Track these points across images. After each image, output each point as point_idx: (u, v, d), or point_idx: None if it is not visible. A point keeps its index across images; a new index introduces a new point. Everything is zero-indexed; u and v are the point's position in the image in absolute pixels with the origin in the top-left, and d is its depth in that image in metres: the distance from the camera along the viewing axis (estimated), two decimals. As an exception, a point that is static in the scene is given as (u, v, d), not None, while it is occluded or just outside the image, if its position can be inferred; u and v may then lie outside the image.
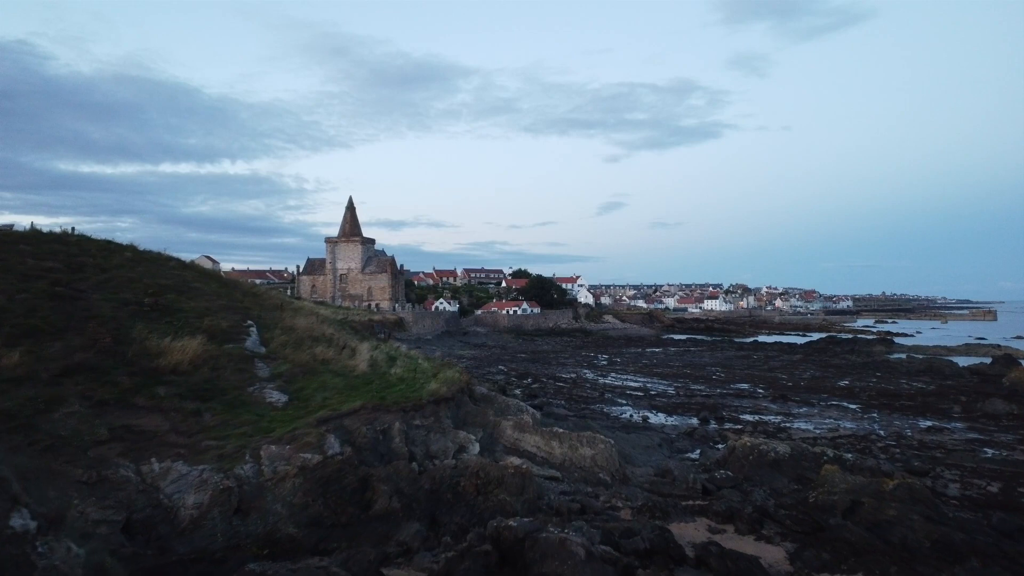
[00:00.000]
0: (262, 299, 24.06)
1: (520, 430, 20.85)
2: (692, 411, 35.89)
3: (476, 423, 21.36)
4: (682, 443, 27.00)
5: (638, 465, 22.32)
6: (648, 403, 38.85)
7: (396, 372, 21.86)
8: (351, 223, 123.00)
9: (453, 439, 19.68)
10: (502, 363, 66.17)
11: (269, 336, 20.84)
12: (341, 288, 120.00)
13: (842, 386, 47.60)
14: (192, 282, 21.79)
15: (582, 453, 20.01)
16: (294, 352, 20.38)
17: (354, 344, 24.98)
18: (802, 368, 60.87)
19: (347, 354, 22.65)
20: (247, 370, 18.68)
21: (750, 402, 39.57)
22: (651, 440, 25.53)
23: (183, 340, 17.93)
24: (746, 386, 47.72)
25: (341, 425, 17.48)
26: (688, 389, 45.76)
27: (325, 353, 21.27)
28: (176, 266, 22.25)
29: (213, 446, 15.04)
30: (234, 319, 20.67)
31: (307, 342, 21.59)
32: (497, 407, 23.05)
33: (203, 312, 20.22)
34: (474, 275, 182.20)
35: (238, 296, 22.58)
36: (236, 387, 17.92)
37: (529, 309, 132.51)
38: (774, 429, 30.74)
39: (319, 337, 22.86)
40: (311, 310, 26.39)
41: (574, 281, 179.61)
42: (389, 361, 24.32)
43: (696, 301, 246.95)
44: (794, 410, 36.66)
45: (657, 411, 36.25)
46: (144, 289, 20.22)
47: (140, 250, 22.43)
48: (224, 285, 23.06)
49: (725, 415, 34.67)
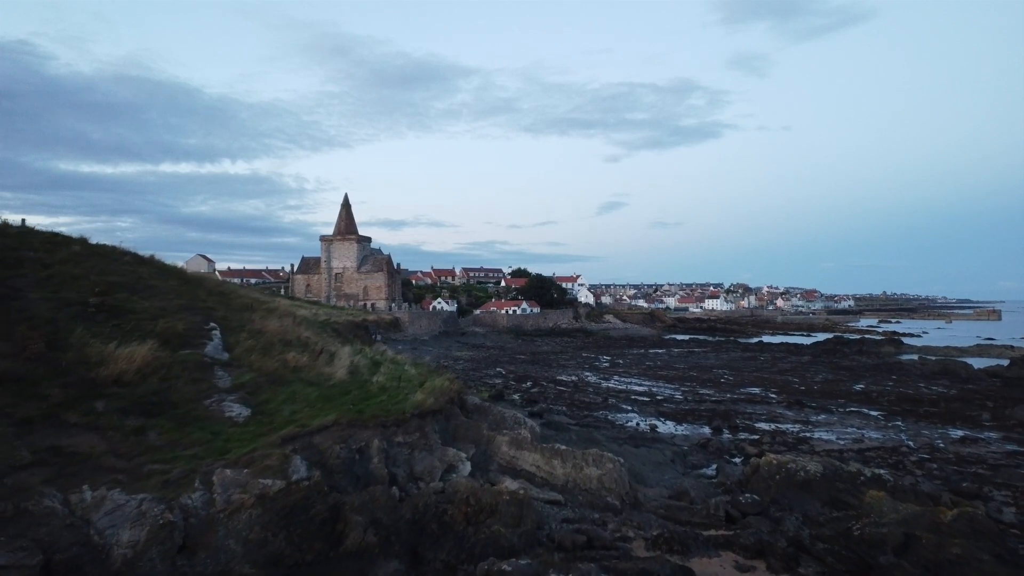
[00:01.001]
0: (230, 298, 21.67)
1: (517, 447, 18.46)
2: (703, 419, 33.50)
3: (468, 438, 18.98)
4: (696, 457, 24.61)
5: (650, 485, 19.94)
6: (655, 409, 36.44)
7: (379, 380, 19.49)
8: (347, 221, 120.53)
9: (441, 457, 17.31)
10: (500, 365, 63.77)
11: (234, 340, 18.45)
12: (336, 287, 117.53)
13: (858, 390, 45.18)
14: (148, 279, 19.40)
15: (588, 474, 17.63)
16: (261, 358, 18.00)
17: (334, 348, 22.60)
18: (813, 370, 58.48)
19: (324, 360, 20.28)
20: (204, 380, 16.29)
21: (764, 408, 37.15)
22: (662, 455, 23.13)
23: (130, 346, 15.58)
24: (757, 390, 45.31)
25: (310, 444, 15.13)
26: (696, 394, 43.34)
27: (298, 359, 18.89)
28: (131, 261, 19.86)
29: (157, 471, 12.70)
30: (194, 321, 18.28)
31: (277, 347, 19.21)
32: (492, 420, 20.67)
33: (158, 313, 17.84)
34: (473, 274, 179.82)
35: (201, 295, 20.18)
36: (190, 400, 15.54)
37: (529, 309, 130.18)
38: (793, 440, 28.35)
39: (292, 341, 20.48)
40: (287, 310, 24.01)
41: (574, 280, 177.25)
42: (372, 367, 21.93)
43: (697, 301, 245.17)
44: (812, 417, 34.25)
45: (665, 419, 33.84)
46: (91, 287, 17.83)
47: (91, 244, 20.04)
48: (186, 283, 20.67)
49: (739, 423, 32.27)
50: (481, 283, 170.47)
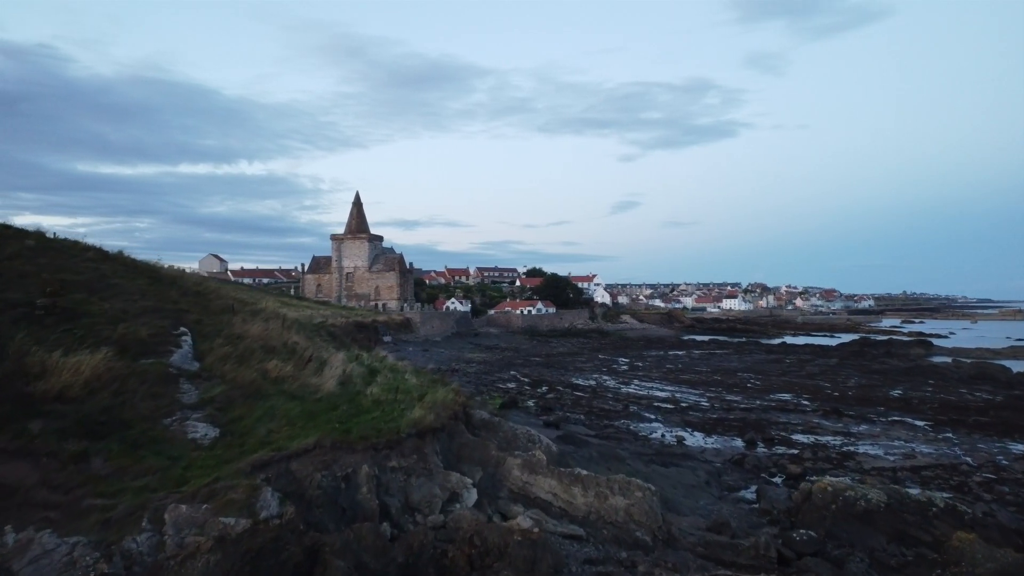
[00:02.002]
0: (209, 299, 19.34)
1: (531, 471, 15.98)
2: (734, 430, 30.85)
3: (474, 460, 16.52)
4: (732, 476, 22.04)
5: (683, 513, 17.41)
6: (680, 418, 33.83)
7: (373, 392, 17.06)
8: (358, 219, 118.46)
9: (442, 484, 14.86)
10: (515, 368, 61.27)
11: (207, 347, 16.06)
12: (347, 287, 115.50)
13: (896, 397, 42.33)
14: (112, 278, 17.08)
15: (613, 504, 15.13)
16: (237, 368, 15.60)
17: (326, 355, 20.22)
18: (843, 374, 55.59)
19: (312, 369, 17.88)
20: (166, 394, 13.89)
21: (798, 418, 34.43)
22: (695, 475, 20.56)
23: (79, 354, 13.25)
24: (788, 396, 42.57)
25: (286, 471, 12.72)
26: (723, 400, 40.66)
27: (281, 369, 16.50)
28: (94, 257, 17.55)
29: (98, 506, 10.31)
30: (161, 325, 15.91)
31: (258, 354, 16.82)
32: (502, 438, 18.20)
33: (118, 316, 15.50)
34: (487, 274, 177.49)
35: (173, 295, 17.84)
36: (146, 418, 13.14)
37: (544, 309, 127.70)
38: (837, 456, 25.68)
39: (277, 348, 18.11)
40: (275, 312, 21.69)
41: (590, 280, 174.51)
42: (368, 376, 19.51)
43: (714, 300, 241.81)
44: (852, 428, 31.51)
45: (692, 429, 31.24)
46: (42, 286, 15.56)
47: (49, 238, 17.79)
48: (156, 281, 18.33)
49: (774, 435, 29.62)
50: (495, 283, 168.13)
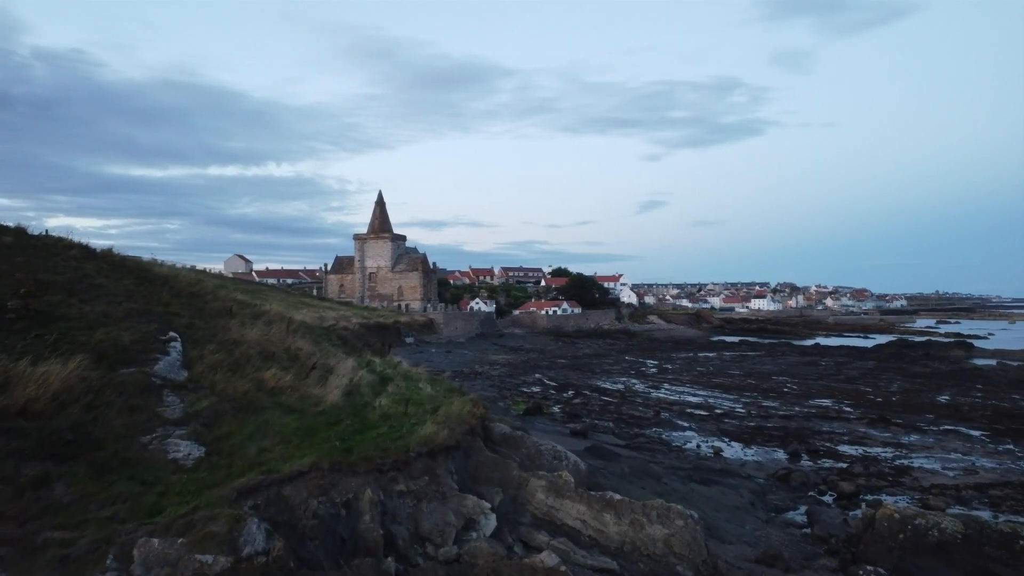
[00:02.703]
0: (205, 301, 17.81)
1: (557, 494, 14.20)
2: (774, 440, 28.79)
3: (493, 480, 14.78)
4: (778, 495, 20.07)
5: (728, 540, 15.53)
6: (716, 427, 31.81)
7: (382, 404, 15.40)
8: (381, 219, 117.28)
9: (457, 509, 13.14)
10: (539, 370, 59.43)
11: (197, 354, 14.47)
12: (370, 288, 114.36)
13: (944, 403, 39.89)
14: (95, 277, 15.59)
15: (651, 533, 13.30)
16: (229, 378, 13.99)
17: (332, 362, 18.60)
18: (884, 378, 53.02)
19: (315, 378, 16.25)
20: (146, 408, 12.29)
21: (842, 426, 32.23)
22: (738, 495, 18.63)
23: (49, 363, 11.73)
24: (828, 402, 40.28)
25: (277, 497, 11.07)
26: (760, 406, 38.50)
27: (279, 378, 14.88)
28: (77, 255, 16.07)
29: (56, 540, 8.70)
30: (146, 330, 14.36)
31: (254, 362, 15.22)
32: (525, 454, 16.42)
33: (98, 320, 13.98)
34: (512, 274, 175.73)
35: (163, 297, 16.30)
36: (121, 436, 11.55)
37: (569, 309, 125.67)
38: (891, 470, 23.57)
39: (277, 354, 16.51)
40: (278, 314, 20.16)
41: (616, 280, 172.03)
42: (378, 385, 17.85)
43: (743, 300, 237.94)
44: (903, 438, 29.29)
45: (729, 439, 29.22)
46: (15, 287, 14.11)
47: (30, 235, 16.36)
48: (145, 282, 16.81)
49: (819, 446, 27.52)
50: (520, 283, 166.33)
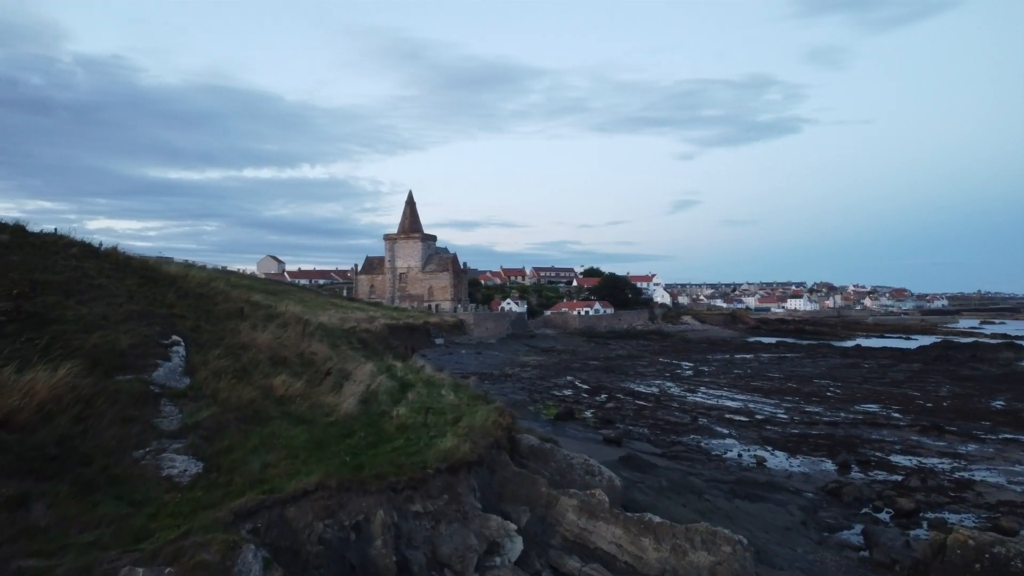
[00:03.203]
0: (214, 302, 16.81)
1: (590, 515, 12.90)
2: (821, 449, 27.08)
3: (519, 498, 13.54)
4: (830, 512, 18.52)
5: (779, 566, 14.06)
6: (758, 434, 30.16)
7: (400, 414, 14.24)
8: (411, 219, 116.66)
9: (480, 531, 11.93)
10: (571, 372, 58.02)
11: (201, 360, 13.44)
12: (400, 288, 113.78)
13: (1000, 409, 37.67)
14: (95, 277, 14.64)
15: (694, 561, 11.94)
16: (235, 385, 12.92)
17: (350, 367, 17.50)
18: (931, 381, 50.66)
19: (329, 385, 15.15)
20: (140, 419, 11.27)
21: (893, 434, 30.35)
22: (788, 513, 17.11)
23: (37, 370, 10.78)
24: (875, 407, 38.29)
25: (279, 519, 9.97)
26: (803, 412, 36.68)
27: (288, 385, 13.79)
28: (78, 254, 15.16)
29: (31, 569, 7.70)
30: (147, 334, 13.36)
31: (263, 367, 14.16)
32: (554, 469, 15.13)
33: (96, 323, 13.01)
34: (544, 274, 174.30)
35: (169, 298, 15.32)
36: (111, 451, 10.53)
37: (602, 309, 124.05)
38: (951, 484, 21.84)
39: (288, 359, 15.45)
40: (294, 316, 19.12)
41: (649, 280, 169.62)
42: (398, 393, 16.71)
43: (778, 300, 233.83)
44: (959, 448, 27.39)
45: (772, 447, 27.60)
46: (8, 288, 13.22)
47: (29, 232, 15.49)
48: (149, 282, 15.84)
49: (869, 456, 25.80)
50: (552, 283, 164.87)
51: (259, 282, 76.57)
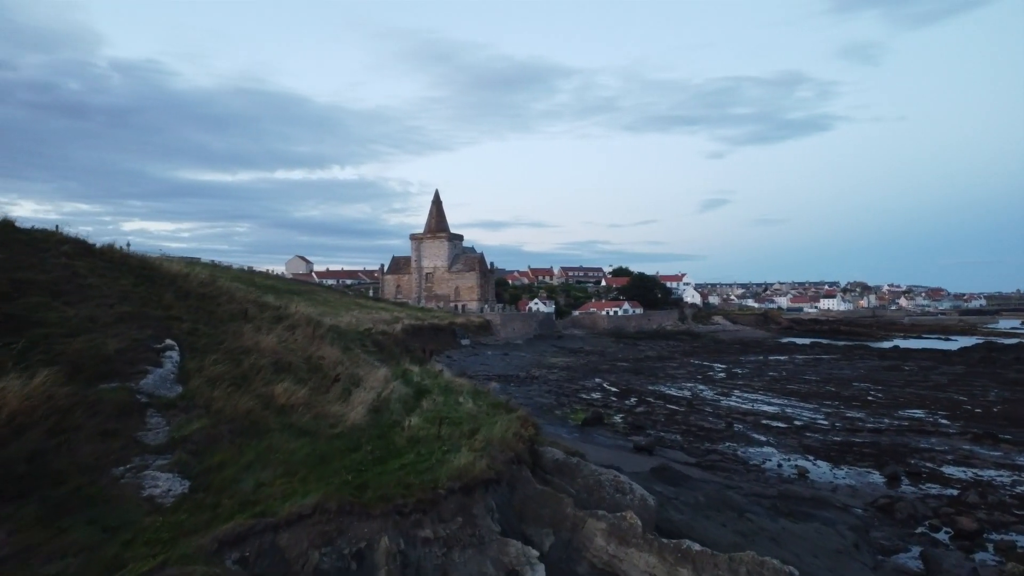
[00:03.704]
0: (216, 303, 15.75)
1: (621, 540, 11.58)
2: (867, 459, 25.35)
3: (542, 519, 12.27)
4: (883, 531, 16.99)
5: (832, 597, 12.66)
6: (798, 442, 28.51)
7: (413, 424, 13.06)
8: (437, 218, 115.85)
9: (497, 558, 10.68)
10: (600, 374, 56.59)
11: (197, 366, 12.34)
12: (426, 288, 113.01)
13: (1056, 415, 35.55)
14: (86, 276, 13.63)
15: (739, 596, 10.59)
16: (231, 394, 11.80)
17: (361, 372, 16.36)
18: (977, 385, 48.26)
19: (337, 392, 14.01)
20: (123, 432, 10.16)
21: (943, 442, 28.49)
22: (839, 535, 15.54)
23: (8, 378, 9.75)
24: (920, 413, 36.30)
25: (271, 547, 8.82)
26: (844, 418, 34.85)
27: (291, 393, 12.65)
28: (69, 252, 14.15)
29: None
30: (137, 337, 12.29)
31: (264, 374, 13.03)
32: (581, 486, 13.82)
33: (82, 327, 11.97)
34: (572, 274, 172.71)
35: (167, 299, 14.27)
36: (88, 468, 9.43)
37: (631, 309, 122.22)
38: (1014, 500, 20.09)
39: (294, 364, 14.33)
40: (305, 317, 18.03)
41: (679, 279, 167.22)
42: (412, 400, 15.53)
43: (811, 300, 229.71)
44: (1018, 459, 25.52)
45: (814, 457, 25.96)
46: (-10, 288, 12.26)
47: (18, 228, 14.47)
48: (145, 281, 14.80)
49: (919, 467, 24.10)
50: (580, 283, 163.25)
51: (284, 282, 76.16)
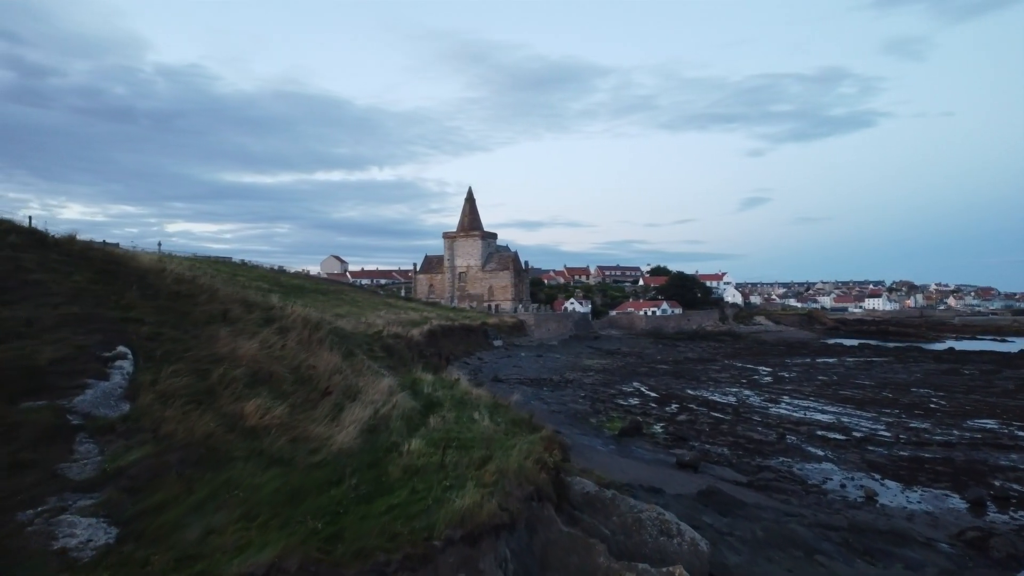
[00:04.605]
0: (193, 302, 13.64)
1: (667, 603, 9.24)
2: (942, 479, 22.48)
3: (568, 569, 9.90)
4: (978, 574, 14.33)
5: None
6: (860, 457, 25.66)
7: (413, 449, 10.79)
8: (470, 216, 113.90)
9: (511, 626, 8.44)
10: (637, 377, 53.94)
11: (152, 378, 10.24)
12: (459, 287, 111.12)
13: None
14: (34, 271, 11.64)
15: None
16: (187, 413, 9.64)
17: (361, 383, 14.17)
18: (1049, 391, 44.69)
19: (326, 409, 11.83)
20: (43, 464, 8.07)
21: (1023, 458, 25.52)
22: (931, 582, 13.02)
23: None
24: (992, 424, 33.05)
25: (209, 623, 6.72)
26: (907, 428, 31.76)
27: (266, 411, 10.47)
28: (18, 243, 12.17)
29: None
30: (82, 344, 10.21)
31: (235, 388, 10.87)
32: (616, 526, 11.44)
33: (14, 331, 9.99)
34: (609, 273, 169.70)
35: (128, 298, 12.20)
36: (-14, 513, 7.51)
37: (669, 309, 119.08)
38: None
39: (275, 375, 12.18)
40: (302, 320, 15.88)
41: (719, 279, 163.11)
42: (419, 416, 13.28)
43: (855, 300, 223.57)
44: (1118, 480, 22.48)
45: (880, 475, 23.15)
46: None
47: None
48: (105, 277, 12.74)
49: (1006, 489, 21.20)
50: (617, 282, 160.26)
51: (312, 281, 74.75)
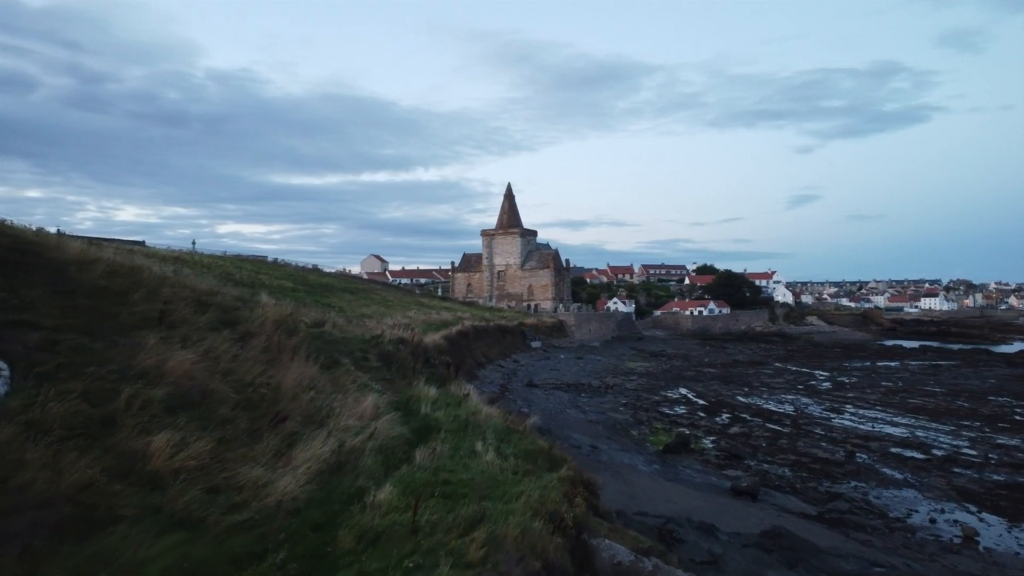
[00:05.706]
0: (122, 300, 10.85)
1: None
2: (1053, 512, 18.99)
3: None
4: None
5: None
6: (946, 481, 22.06)
7: (380, 500, 7.90)
8: (509, 214, 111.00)
9: None
10: (684, 382, 50.42)
11: (26, 402, 7.48)
12: (499, 287, 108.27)
13: None
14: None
15: None
16: (58, 455, 6.89)
17: (337, 403, 11.33)
18: None
19: (273, 443, 9.04)
20: None
21: None
22: None
23: None
24: (1094, 440, 29.06)
25: None
26: (994, 445, 27.88)
27: (181, 447, 7.67)
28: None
29: None
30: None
31: (146, 414, 8.16)
32: (660, 613, 8.45)
33: None
34: (653, 272, 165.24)
35: (29, 296, 9.34)
36: None
37: (717, 309, 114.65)
38: None
39: (208, 395, 9.38)
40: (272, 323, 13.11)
41: (769, 277, 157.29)
42: (404, 448, 10.41)
43: (911, 300, 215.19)
44: None
45: (975, 506, 19.66)
46: None
47: None
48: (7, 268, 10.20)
49: None
50: (662, 281, 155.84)
51: (342, 280, 72.79)
